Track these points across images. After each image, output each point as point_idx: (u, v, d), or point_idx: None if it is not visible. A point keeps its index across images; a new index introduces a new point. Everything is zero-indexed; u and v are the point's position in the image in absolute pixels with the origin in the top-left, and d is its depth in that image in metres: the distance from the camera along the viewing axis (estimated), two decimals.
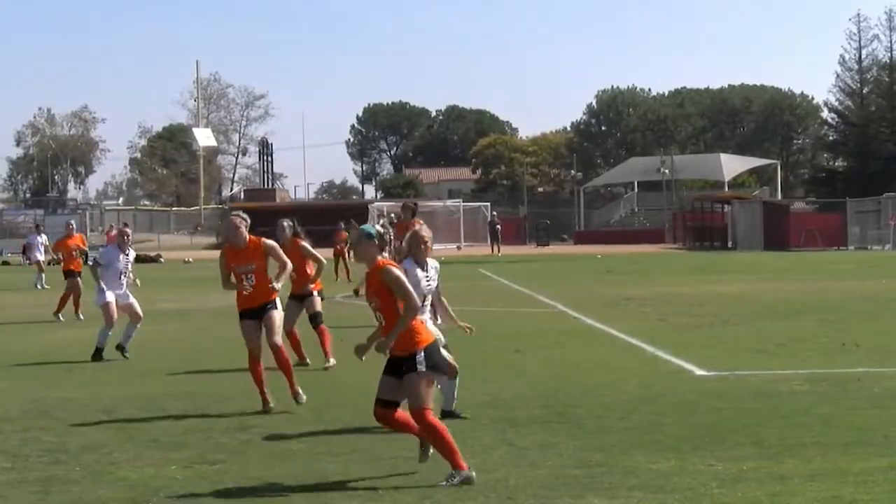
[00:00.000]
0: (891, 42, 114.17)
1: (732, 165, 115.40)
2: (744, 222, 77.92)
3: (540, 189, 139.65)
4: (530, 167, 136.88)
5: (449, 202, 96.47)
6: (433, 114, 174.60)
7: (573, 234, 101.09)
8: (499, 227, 74.52)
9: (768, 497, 8.47)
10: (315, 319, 16.97)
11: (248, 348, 13.03)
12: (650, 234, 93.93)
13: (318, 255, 16.67)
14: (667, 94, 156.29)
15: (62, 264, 27.56)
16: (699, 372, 15.42)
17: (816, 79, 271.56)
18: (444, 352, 9.86)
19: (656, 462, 9.71)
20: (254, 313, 13.08)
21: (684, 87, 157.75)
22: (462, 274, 41.09)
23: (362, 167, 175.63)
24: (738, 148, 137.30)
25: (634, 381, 14.57)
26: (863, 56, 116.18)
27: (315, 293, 17.05)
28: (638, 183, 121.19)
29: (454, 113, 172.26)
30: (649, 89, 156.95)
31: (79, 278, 26.36)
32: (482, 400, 13.17)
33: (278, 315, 13.27)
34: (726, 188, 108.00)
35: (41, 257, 41.45)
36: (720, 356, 16.90)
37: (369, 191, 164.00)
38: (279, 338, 13.15)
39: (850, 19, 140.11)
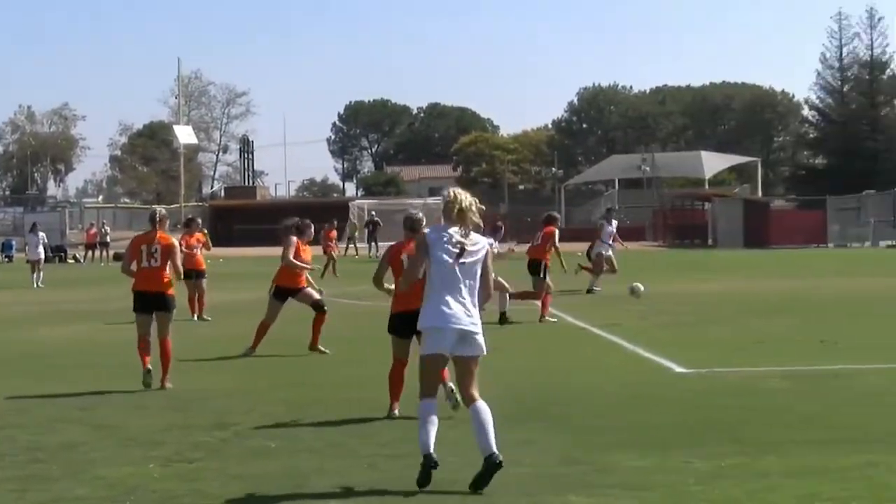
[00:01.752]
0: (871, 40, 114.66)
1: (713, 163, 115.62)
2: (724, 220, 78.06)
3: (521, 187, 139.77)
4: (511, 165, 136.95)
5: (430, 200, 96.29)
6: (414, 111, 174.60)
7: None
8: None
9: (746, 494, 8.48)
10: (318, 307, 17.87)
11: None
12: (631, 231, 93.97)
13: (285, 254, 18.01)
14: (648, 91, 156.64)
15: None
16: (679, 369, 15.44)
17: (797, 77, 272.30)
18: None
19: (635, 459, 9.71)
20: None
21: (665, 85, 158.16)
22: None
23: (343, 165, 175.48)
24: (718, 145, 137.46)
25: (614, 379, 14.59)
26: (844, 54, 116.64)
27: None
28: (619, 180, 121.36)
29: (435, 110, 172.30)
30: (631, 87, 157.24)
31: (202, 279, 24.83)
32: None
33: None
34: (707, 186, 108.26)
35: (40, 256, 41.35)
36: (700, 354, 16.92)
37: (350, 188, 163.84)
38: None
39: (831, 17, 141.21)
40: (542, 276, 23.41)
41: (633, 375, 14.92)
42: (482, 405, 9.13)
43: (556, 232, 23.90)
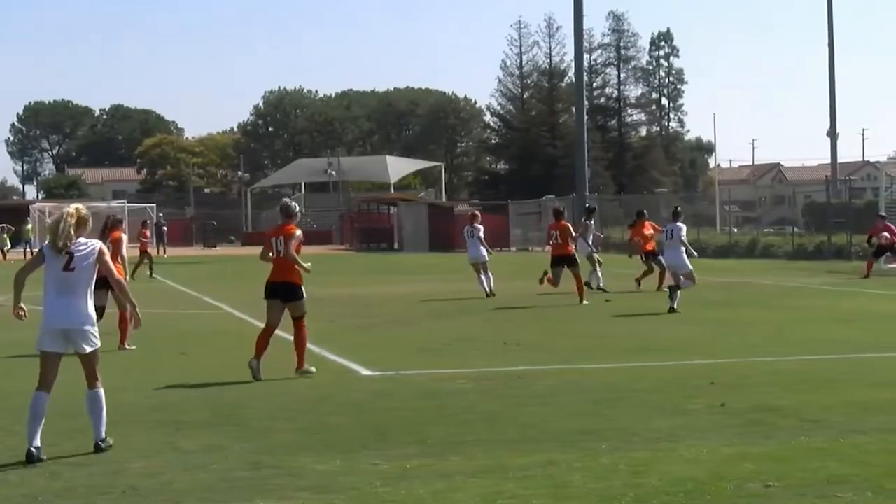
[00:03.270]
0: (550, 48, 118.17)
1: (398, 167, 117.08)
2: (410, 224, 79.12)
3: (207, 190, 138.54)
4: (197, 168, 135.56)
5: (114, 203, 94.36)
6: (97, 113, 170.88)
7: (241, 235, 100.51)
8: (165, 228, 73.51)
9: (432, 495, 8.57)
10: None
11: None
12: (318, 235, 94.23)
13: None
14: (334, 95, 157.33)
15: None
16: (366, 372, 15.54)
17: (480, 83, 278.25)
18: None
19: (323, 462, 9.71)
20: None
21: (351, 90, 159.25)
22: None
23: (23, 167, 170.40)
24: (404, 150, 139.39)
25: (302, 383, 14.57)
26: (524, 62, 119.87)
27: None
28: (305, 184, 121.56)
29: (119, 112, 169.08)
30: (317, 91, 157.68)
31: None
32: (148, 403, 12.94)
33: None
34: (392, 190, 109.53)
35: None
36: (387, 356, 17.07)
37: (31, 191, 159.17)
38: None
39: (511, 26, 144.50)
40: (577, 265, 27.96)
41: (321, 379, 14.92)
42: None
43: (570, 227, 28.72)
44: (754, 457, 9.63)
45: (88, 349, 10.33)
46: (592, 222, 33.80)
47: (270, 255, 15.43)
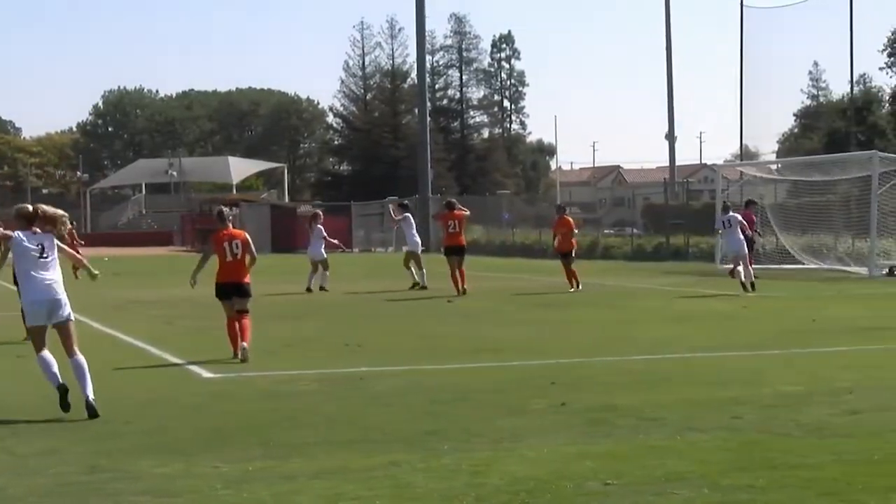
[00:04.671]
0: (392, 49, 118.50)
1: (241, 168, 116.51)
2: (252, 225, 78.46)
3: (45, 191, 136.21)
4: (35, 168, 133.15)
5: None
6: None
7: (81, 236, 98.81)
8: None
9: (273, 497, 8.51)
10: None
11: None
12: (159, 236, 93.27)
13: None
14: (175, 95, 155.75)
15: None
16: (206, 374, 15.39)
17: (322, 84, 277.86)
18: None
19: (163, 465, 9.58)
20: None
21: (192, 90, 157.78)
22: None
23: None
24: (246, 151, 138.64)
25: (140, 385, 14.39)
26: (366, 63, 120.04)
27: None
28: (146, 185, 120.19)
29: None
30: (157, 90, 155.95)
31: None
32: None
33: None
34: (235, 191, 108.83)
35: None
36: (228, 358, 16.91)
37: None
38: None
39: (354, 27, 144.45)
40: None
41: (159, 381, 14.76)
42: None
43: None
44: (595, 455, 9.73)
45: None
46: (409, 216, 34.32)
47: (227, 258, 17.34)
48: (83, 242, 30.41)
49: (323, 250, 32.27)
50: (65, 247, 12.83)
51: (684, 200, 59.47)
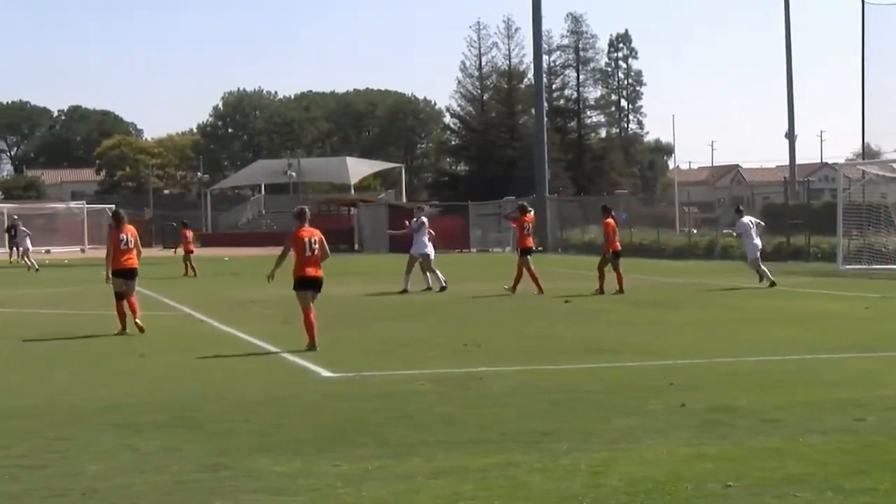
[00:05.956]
0: (509, 50, 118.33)
1: (359, 168, 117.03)
2: (369, 225, 79.04)
3: (166, 191, 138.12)
4: (156, 169, 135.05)
5: (72, 204, 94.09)
6: (55, 114, 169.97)
7: (200, 236, 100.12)
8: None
9: (392, 495, 8.54)
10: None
11: None
12: (278, 236, 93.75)
13: None
14: (293, 97, 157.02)
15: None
16: (325, 373, 15.48)
17: (439, 85, 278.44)
18: None
19: (281, 464, 9.66)
20: None
21: (310, 91, 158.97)
22: (85, 277, 40.16)
23: None
24: (363, 151, 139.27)
25: (259, 384, 14.50)
26: (483, 63, 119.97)
27: None
28: (265, 185, 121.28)
29: (77, 113, 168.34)
30: (276, 92, 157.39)
31: None
32: (103, 405, 12.83)
33: None
34: (352, 191, 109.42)
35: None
36: (345, 358, 17.02)
37: None
38: None
39: (470, 27, 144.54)
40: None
41: (278, 380, 14.88)
42: None
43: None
44: (713, 457, 9.65)
45: None
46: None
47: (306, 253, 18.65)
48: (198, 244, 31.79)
49: (428, 245, 32.52)
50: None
51: (805, 200, 58.63)
